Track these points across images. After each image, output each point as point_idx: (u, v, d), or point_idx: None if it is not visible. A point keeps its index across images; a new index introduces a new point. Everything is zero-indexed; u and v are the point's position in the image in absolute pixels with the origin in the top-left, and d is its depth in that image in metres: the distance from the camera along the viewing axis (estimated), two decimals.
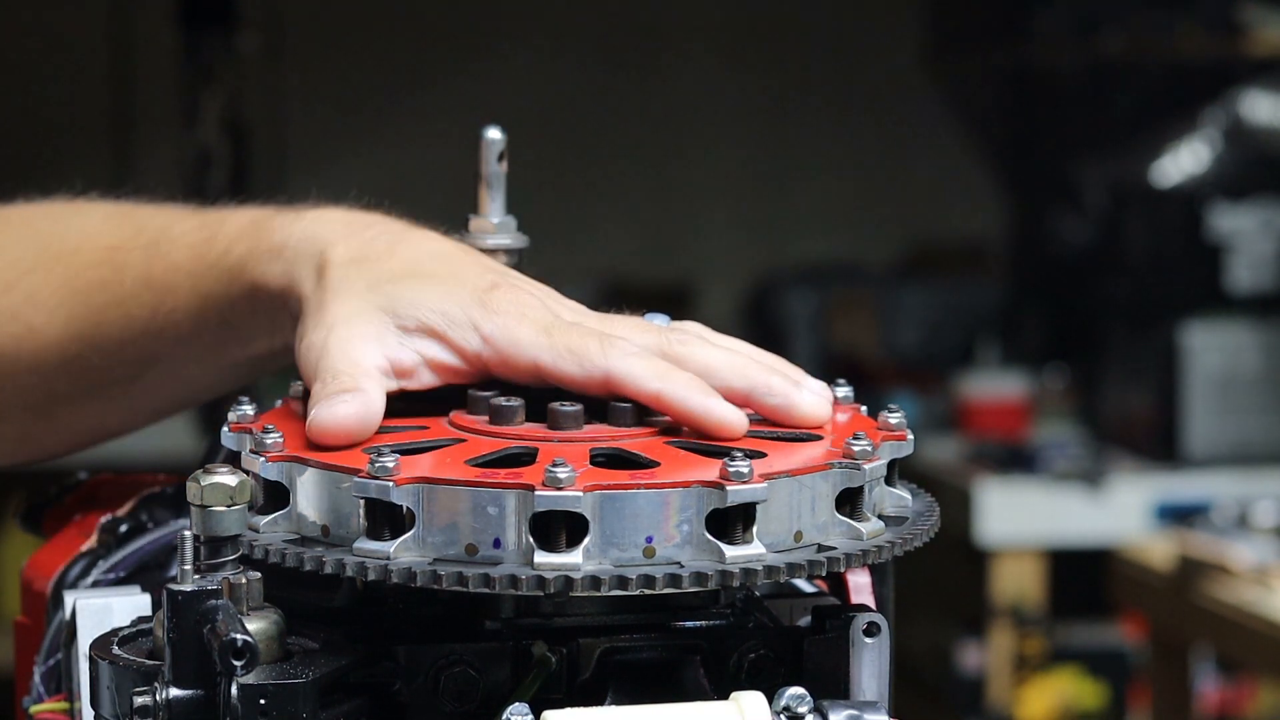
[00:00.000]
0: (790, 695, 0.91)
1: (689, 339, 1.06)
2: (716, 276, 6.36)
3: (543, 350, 1.03)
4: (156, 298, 1.19)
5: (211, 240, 1.17)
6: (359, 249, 1.09)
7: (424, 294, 1.06)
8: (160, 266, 1.19)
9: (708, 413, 1.00)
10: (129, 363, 1.22)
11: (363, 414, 1.00)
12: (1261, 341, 4.94)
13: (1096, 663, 5.04)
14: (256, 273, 1.13)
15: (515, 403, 1.03)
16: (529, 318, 1.04)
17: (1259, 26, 5.32)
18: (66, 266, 1.24)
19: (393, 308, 1.05)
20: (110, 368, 1.23)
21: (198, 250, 1.17)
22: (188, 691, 0.90)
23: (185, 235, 1.19)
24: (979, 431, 5.28)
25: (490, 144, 1.17)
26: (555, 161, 6.08)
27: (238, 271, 1.14)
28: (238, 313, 1.16)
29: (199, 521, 0.94)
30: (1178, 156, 5.05)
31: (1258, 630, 3.68)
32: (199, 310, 1.17)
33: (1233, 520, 4.13)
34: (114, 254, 1.22)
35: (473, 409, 1.04)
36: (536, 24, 6.31)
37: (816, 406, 1.04)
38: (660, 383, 1.01)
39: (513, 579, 0.91)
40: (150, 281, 1.20)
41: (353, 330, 1.04)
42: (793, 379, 1.05)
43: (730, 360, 1.04)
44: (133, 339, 1.21)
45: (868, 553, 0.97)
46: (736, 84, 6.38)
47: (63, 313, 1.23)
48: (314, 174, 6.06)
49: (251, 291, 1.14)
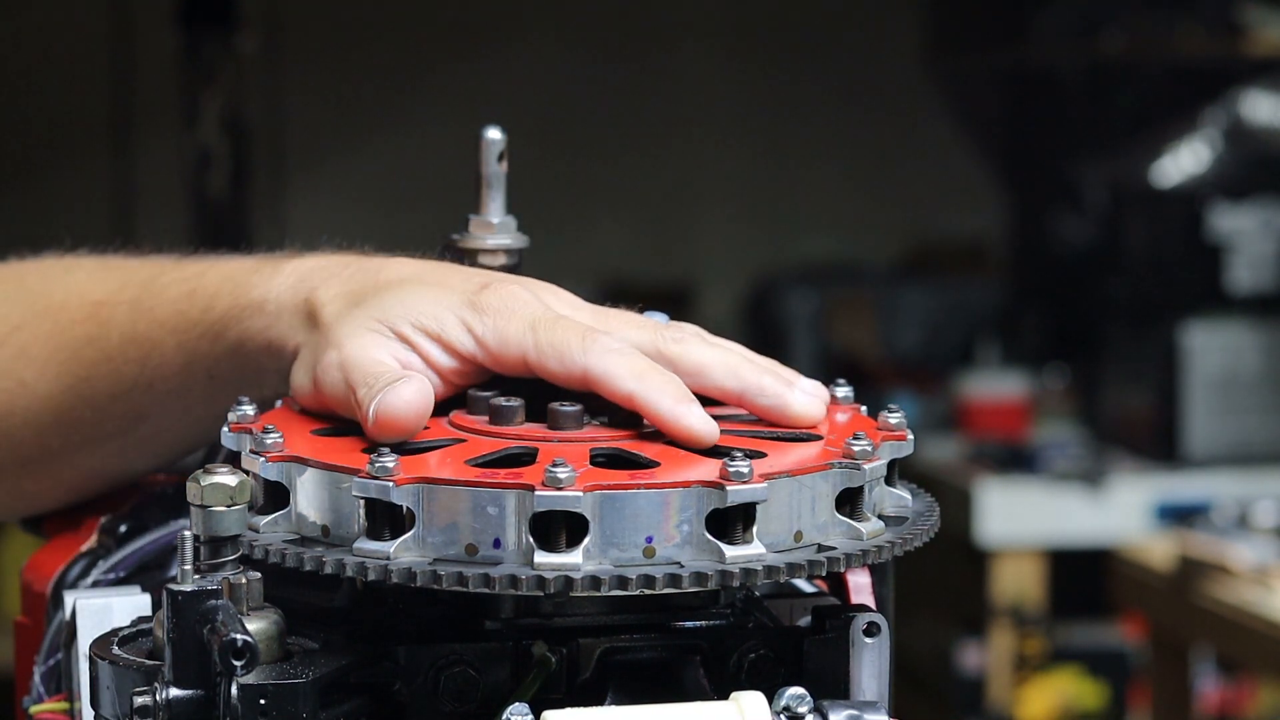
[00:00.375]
0: (790, 695, 0.91)
1: (685, 337, 1.06)
2: (716, 276, 6.36)
3: (528, 346, 1.04)
4: (143, 353, 1.19)
5: (193, 295, 1.17)
6: (343, 286, 1.10)
7: (415, 301, 1.06)
8: (145, 322, 1.19)
9: (676, 419, 1.00)
10: (120, 416, 1.22)
11: (425, 391, 1.01)
12: (1261, 341, 4.94)
13: (1096, 663, 5.04)
14: (239, 329, 1.13)
15: (515, 403, 1.03)
16: (518, 314, 1.05)
17: (1259, 26, 5.32)
18: (55, 322, 1.24)
19: (387, 319, 1.06)
20: (101, 421, 1.23)
21: (180, 306, 1.17)
22: (188, 691, 0.90)
23: (168, 289, 1.19)
24: (979, 431, 5.28)
25: (490, 144, 1.17)
26: (555, 161, 6.07)
27: (220, 329, 1.14)
28: (223, 368, 1.16)
29: (199, 521, 0.94)
30: (1178, 156, 5.05)
31: (1258, 630, 3.68)
32: (185, 366, 1.17)
33: (1233, 520, 4.13)
34: (100, 309, 1.22)
35: (473, 409, 1.04)
36: (536, 25, 6.31)
37: (810, 406, 1.04)
38: (636, 383, 1.01)
39: (513, 579, 0.91)
40: (136, 338, 1.19)
41: (362, 341, 1.05)
42: (785, 379, 1.05)
43: (724, 359, 1.05)
44: (123, 393, 1.21)
45: (868, 553, 0.97)
46: (737, 84, 6.38)
47: (54, 367, 1.23)
48: (314, 174, 6.07)
49: (236, 348, 1.14)
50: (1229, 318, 4.94)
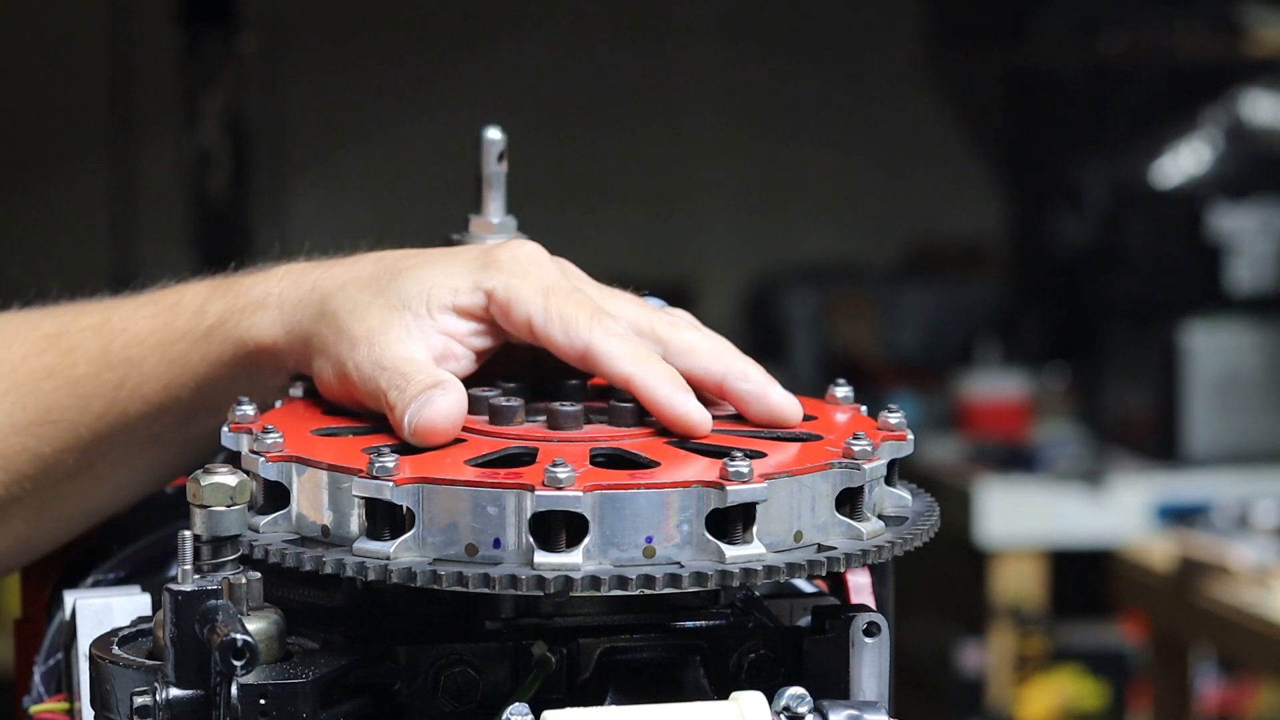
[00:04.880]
0: (790, 695, 0.91)
1: (678, 321, 1.07)
2: (716, 276, 6.36)
3: (536, 310, 1.04)
4: (119, 375, 1.16)
5: (176, 308, 1.15)
6: (346, 272, 1.09)
7: (427, 276, 1.06)
8: (120, 343, 1.16)
9: (673, 405, 1.00)
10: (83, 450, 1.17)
11: (461, 399, 1.01)
12: (1261, 341, 4.94)
13: (1096, 663, 5.03)
14: (241, 329, 1.11)
15: (515, 403, 1.03)
16: (532, 275, 1.06)
17: (1259, 26, 5.32)
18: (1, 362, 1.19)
19: (405, 302, 1.05)
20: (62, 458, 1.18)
21: (162, 319, 1.15)
22: (188, 691, 0.90)
23: (141, 309, 1.17)
24: (979, 431, 5.27)
25: (490, 144, 1.17)
26: (555, 161, 6.07)
27: (217, 330, 1.13)
28: (216, 374, 1.13)
29: (199, 521, 0.94)
30: (1178, 156, 5.04)
31: (1258, 630, 3.68)
32: (171, 379, 1.15)
33: (1233, 520, 4.13)
34: (58, 340, 1.18)
35: (473, 409, 1.04)
36: (536, 25, 6.31)
37: (788, 400, 1.05)
38: (635, 366, 1.02)
39: (513, 579, 0.91)
40: (109, 360, 1.16)
41: (389, 336, 1.05)
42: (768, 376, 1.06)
43: (713, 344, 1.06)
44: (88, 422, 1.17)
45: (868, 553, 0.97)
46: (737, 83, 6.38)
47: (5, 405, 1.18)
48: (314, 174, 6.07)
49: (236, 348, 1.12)
50: (1229, 318, 4.94)
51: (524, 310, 1.04)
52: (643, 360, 1.02)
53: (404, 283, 1.06)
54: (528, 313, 1.04)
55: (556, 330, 1.03)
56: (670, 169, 6.40)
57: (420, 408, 0.99)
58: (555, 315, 1.04)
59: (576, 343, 1.03)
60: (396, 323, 1.05)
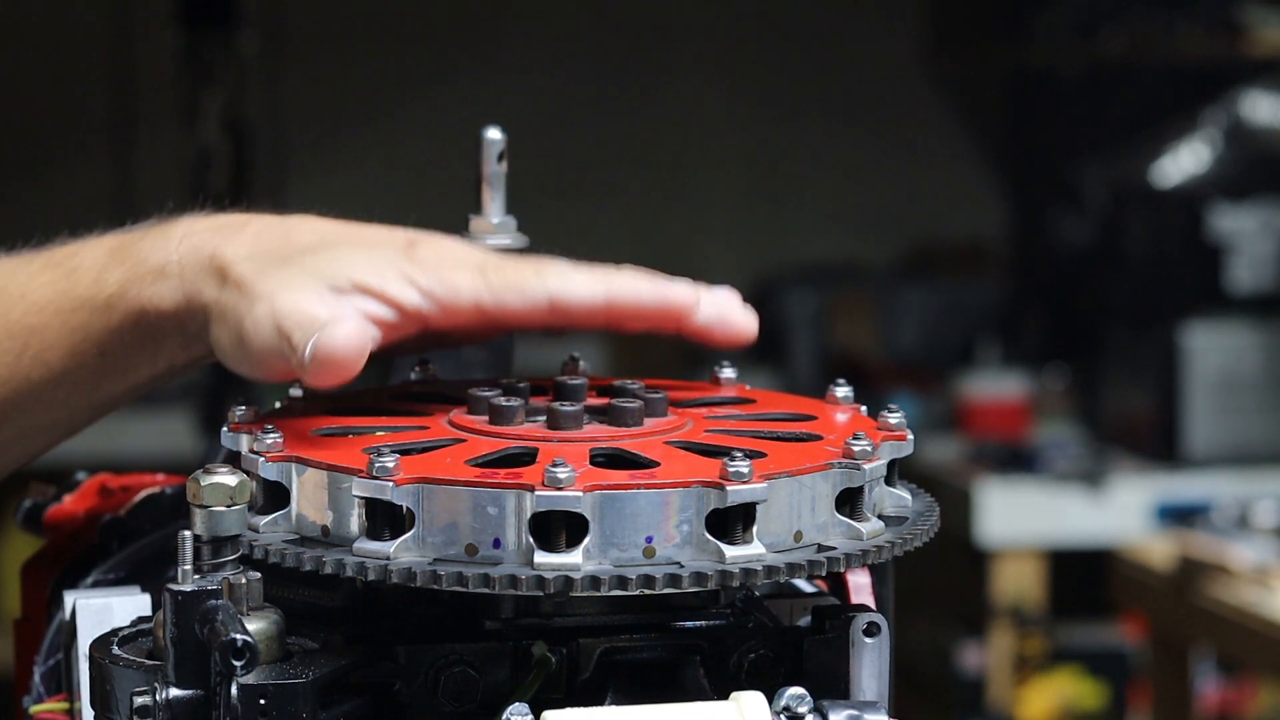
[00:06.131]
0: (790, 695, 0.91)
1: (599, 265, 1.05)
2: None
3: (481, 290, 1.02)
4: (20, 344, 1.15)
5: (74, 274, 1.13)
6: (251, 243, 1.07)
7: (348, 258, 1.04)
8: (19, 310, 1.15)
9: (663, 296, 0.99)
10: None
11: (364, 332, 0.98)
12: (1261, 341, 4.94)
13: (1096, 663, 5.04)
14: (142, 298, 1.10)
15: (515, 403, 1.03)
16: (461, 263, 1.03)
17: (1259, 26, 5.32)
18: None
19: (321, 274, 1.03)
20: None
21: (61, 287, 1.14)
22: (188, 691, 0.90)
23: (38, 275, 1.15)
24: (979, 431, 5.28)
25: (490, 144, 1.17)
26: (554, 161, 6.07)
27: (117, 300, 1.11)
28: (118, 342, 1.12)
29: (199, 521, 0.94)
30: (1178, 157, 5.05)
31: (1258, 630, 3.68)
32: (73, 346, 1.13)
33: (1233, 520, 4.13)
34: None
35: (473, 409, 1.04)
36: (537, 25, 6.31)
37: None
38: (604, 286, 1.00)
39: (512, 579, 0.91)
40: (9, 328, 1.15)
41: (295, 294, 1.02)
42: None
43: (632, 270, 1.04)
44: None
45: (868, 553, 0.97)
46: (736, 84, 6.38)
47: None
48: (314, 174, 6.06)
49: (137, 318, 1.10)
50: (1229, 318, 4.94)
51: (469, 296, 1.02)
52: (606, 278, 1.00)
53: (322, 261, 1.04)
54: (474, 296, 1.02)
55: (511, 298, 1.01)
56: (670, 168, 6.40)
57: (319, 337, 0.97)
58: (500, 285, 1.01)
59: (538, 298, 1.01)
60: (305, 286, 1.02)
